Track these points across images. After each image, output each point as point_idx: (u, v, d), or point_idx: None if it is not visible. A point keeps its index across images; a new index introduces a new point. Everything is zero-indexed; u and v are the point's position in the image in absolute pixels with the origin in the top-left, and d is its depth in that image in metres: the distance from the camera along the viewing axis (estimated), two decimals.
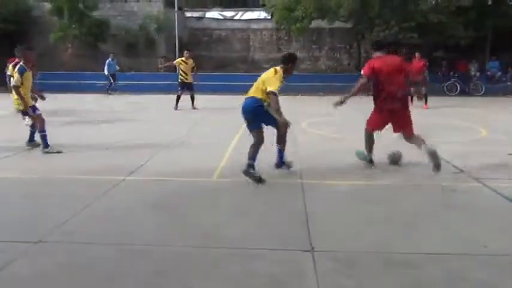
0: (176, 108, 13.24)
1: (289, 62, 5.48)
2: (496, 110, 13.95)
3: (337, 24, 20.90)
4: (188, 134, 9.07)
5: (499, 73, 20.06)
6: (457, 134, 9.06)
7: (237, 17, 24.87)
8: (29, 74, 7.00)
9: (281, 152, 5.79)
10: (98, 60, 22.37)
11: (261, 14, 24.09)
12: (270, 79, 5.39)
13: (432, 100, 16.51)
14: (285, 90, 15.95)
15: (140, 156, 6.73)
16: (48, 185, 5.23)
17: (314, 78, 20.22)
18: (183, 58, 13.68)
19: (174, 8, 23.03)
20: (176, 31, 22.74)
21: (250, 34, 24.68)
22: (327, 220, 4.13)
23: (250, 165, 5.31)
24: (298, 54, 23.12)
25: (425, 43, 19.67)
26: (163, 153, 7.10)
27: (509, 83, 19.43)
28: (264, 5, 22.52)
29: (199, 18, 25.02)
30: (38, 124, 7.07)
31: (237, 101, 5.97)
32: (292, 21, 20.18)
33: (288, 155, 6.72)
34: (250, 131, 5.50)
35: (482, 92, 19.16)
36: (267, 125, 5.58)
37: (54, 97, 14.59)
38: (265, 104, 5.40)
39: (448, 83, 19.11)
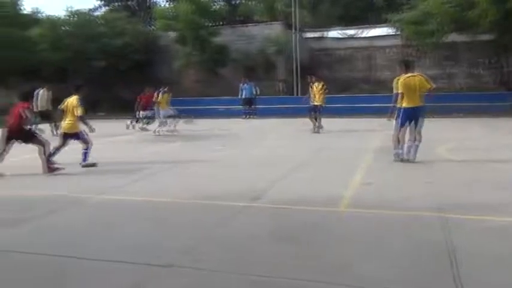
0: (315, 130, 13.77)
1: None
2: None
3: (472, 36, 19.53)
4: (312, 158, 9.06)
5: None
6: None
7: (359, 35, 24.64)
8: None
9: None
10: (217, 85, 23.81)
11: (386, 31, 23.53)
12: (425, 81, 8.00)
13: None
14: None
15: (263, 181, 6.85)
16: (175, 210, 5.55)
17: (449, 98, 18.99)
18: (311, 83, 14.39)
19: (293, 29, 23.59)
20: (296, 53, 23.19)
21: (373, 52, 24.22)
22: (476, 261, 3.72)
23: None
24: (429, 71, 22.22)
25: None
26: (287, 179, 7.14)
27: None
28: (387, 21, 21.99)
29: (320, 39, 25.28)
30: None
31: (362, 124, 5.76)
32: (424, 36, 19.34)
33: (423, 186, 6.37)
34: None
35: None
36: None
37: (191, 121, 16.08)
38: None
39: None
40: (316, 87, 14.04)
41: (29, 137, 8.18)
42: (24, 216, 5.32)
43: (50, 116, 14.86)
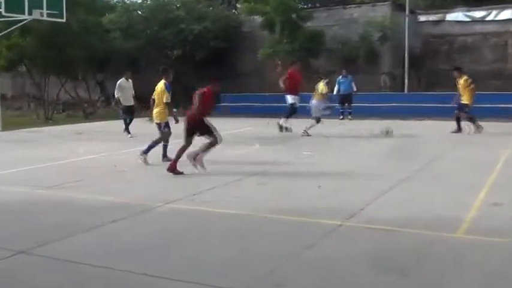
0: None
1: None
2: None
3: None
4: (421, 170, 8.82)
5: None
6: None
7: (489, 18, 23.42)
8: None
9: None
10: (309, 80, 23.73)
11: None
12: None
13: None
14: None
15: (359, 196, 6.77)
16: (254, 225, 5.63)
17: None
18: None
19: (405, 11, 22.98)
20: (406, 40, 22.58)
21: (509, 39, 22.89)
22: None
23: None
24: None
25: None
26: (389, 194, 6.99)
27: None
28: None
29: (437, 23, 24.38)
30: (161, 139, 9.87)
31: (489, 129, 5.49)
32: None
33: None
34: None
35: None
36: None
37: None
38: None
39: None
40: (461, 83, 14.13)
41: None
42: (90, 222, 5.68)
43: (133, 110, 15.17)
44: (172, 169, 8.56)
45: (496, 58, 23.01)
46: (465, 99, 14.07)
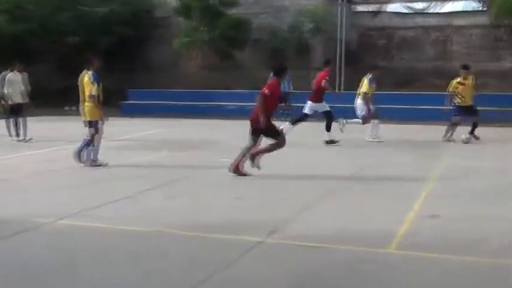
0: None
1: None
2: None
3: None
4: (353, 179, 9.05)
5: None
6: None
7: (431, 10, 24.50)
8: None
9: None
10: (233, 74, 23.88)
11: (468, 5, 23.39)
12: None
13: None
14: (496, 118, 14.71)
15: (285, 208, 6.85)
16: (162, 243, 5.57)
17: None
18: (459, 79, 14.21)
19: (340, 0, 23.58)
20: (342, 32, 23.12)
21: (451, 34, 24.02)
22: None
23: None
24: None
25: None
26: (317, 207, 7.13)
27: None
28: None
29: (375, 14, 25.21)
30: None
31: (431, 134, 5.74)
32: None
33: (509, 221, 6.30)
34: None
35: None
36: None
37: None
38: None
39: None
40: (468, 83, 14.08)
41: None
42: None
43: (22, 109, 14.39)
44: (235, 170, 9.00)
45: (437, 55, 24.07)
46: (468, 101, 14.07)
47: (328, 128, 13.48)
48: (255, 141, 9.24)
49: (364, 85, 14.14)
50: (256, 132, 9.20)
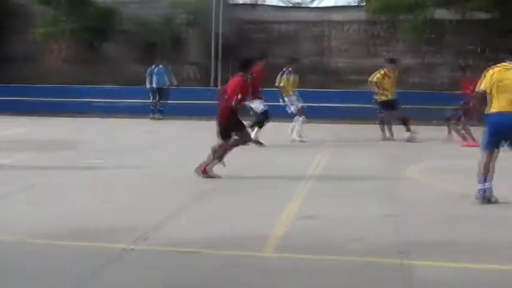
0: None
1: None
2: None
3: (469, 14, 20.60)
4: (230, 181, 9.14)
5: None
6: None
7: (308, 4, 25.24)
8: None
9: None
10: (100, 68, 23.34)
11: (346, 0, 24.36)
12: None
13: None
14: (374, 115, 15.57)
15: (156, 212, 6.82)
16: (21, 254, 5.38)
17: (428, 98, 19.83)
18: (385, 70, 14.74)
19: None
20: (217, 25, 23.27)
21: (327, 29, 24.83)
22: None
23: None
24: (405, 60, 23.11)
25: None
26: (191, 210, 7.18)
27: None
28: None
29: (253, 6, 25.57)
30: None
31: (316, 133, 5.94)
32: (398, 11, 20.17)
33: (384, 221, 6.65)
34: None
35: None
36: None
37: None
38: None
39: None
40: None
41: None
42: None
43: None
44: (204, 172, 9.06)
45: (316, 51, 24.82)
46: (391, 95, 14.63)
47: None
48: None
49: (281, 79, 14.34)
50: (226, 131, 9.36)
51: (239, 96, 9.20)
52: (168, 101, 20.59)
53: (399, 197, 8.10)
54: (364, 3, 23.27)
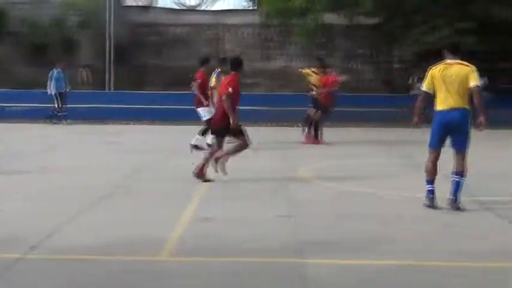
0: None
1: None
2: None
3: (357, 19, 21.32)
4: (125, 185, 9.09)
5: None
6: None
7: (202, 7, 25.22)
8: None
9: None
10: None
11: (240, 3, 24.51)
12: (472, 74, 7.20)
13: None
14: (267, 117, 16.41)
15: (50, 219, 6.66)
16: None
17: None
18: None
19: None
20: (110, 27, 22.93)
21: (222, 32, 24.97)
22: None
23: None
24: (295, 63, 23.61)
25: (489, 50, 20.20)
26: (84, 216, 7.07)
27: None
28: None
29: (146, 9, 25.33)
30: None
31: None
32: (290, 15, 20.58)
33: (280, 221, 6.81)
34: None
35: None
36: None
37: None
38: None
39: None
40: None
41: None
42: None
43: None
44: (199, 175, 9.14)
45: (211, 53, 24.86)
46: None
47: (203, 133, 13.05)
48: (220, 144, 9.44)
49: (212, 81, 13.62)
50: (221, 133, 9.41)
51: (230, 90, 9.15)
52: (68, 105, 20.01)
53: (294, 197, 8.31)
54: (256, 7, 23.48)
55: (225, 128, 9.30)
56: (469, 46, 18.54)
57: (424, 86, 7.50)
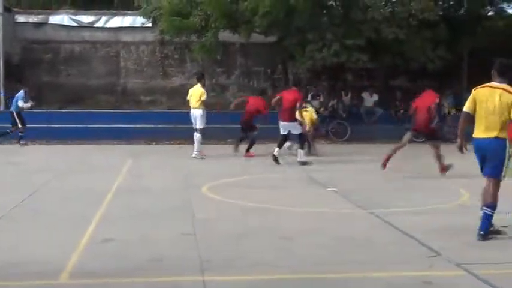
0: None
1: None
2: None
3: (254, 37, 21.66)
4: (21, 206, 8.83)
5: None
6: (427, 198, 9.68)
7: (99, 24, 24.86)
8: None
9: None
10: None
11: (137, 20, 24.32)
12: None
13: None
14: (167, 135, 16.40)
15: None
16: None
17: (218, 117, 20.49)
18: None
19: None
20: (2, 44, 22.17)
21: (120, 50, 24.71)
22: None
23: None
24: (195, 81, 23.46)
25: (379, 67, 21.09)
26: None
27: None
28: (140, 8, 22.80)
29: (39, 25, 24.64)
30: None
31: (100, 156, 5.92)
32: (187, 32, 20.64)
33: (182, 239, 6.79)
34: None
35: None
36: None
37: None
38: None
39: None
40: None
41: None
42: None
43: None
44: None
45: (108, 71, 24.54)
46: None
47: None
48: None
49: (203, 93, 14.98)
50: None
51: None
52: None
53: (196, 214, 8.30)
54: (152, 25, 23.27)
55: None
56: (361, 63, 19.47)
57: (465, 107, 7.01)
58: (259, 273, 5.55)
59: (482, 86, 6.92)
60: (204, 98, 14.83)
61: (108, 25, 24.81)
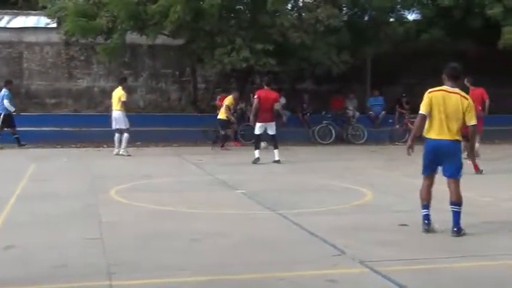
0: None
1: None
2: (382, 162, 15.64)
3: (162, 39, 21.52)
4: None
5: (383, 113, 22.62)
6: (333, 199, 9.94)
7: (1, 24, 24.05)
8: None
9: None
10: None
11: (41, 21, 23.65)
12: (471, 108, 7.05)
13: (299, 151, 17.88)
14: (72, 138, 16.20)
15: None
16: None
17: (134, 119, 20.27)
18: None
19: None
20: None
21: (23, 51, 23.92)
22: None
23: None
24: (102, 82, 23.31)
25: (287, 71, 21.44)
26: None
27: (397, 126, 21.93)
28: (44, 8, 22.14)
29: None
30: None
31: (1, 160, 5.72)
32: (93, 34, 20.26)
33: (88, 244, 6.65)
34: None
35: (365, 139, 21.28)
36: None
37: None
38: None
39: (319, 126, 20.85)
40: None
41: None
42: None
43: None
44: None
45: (11, 73, 23.64)
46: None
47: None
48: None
49: (122, 95, 16.09)
50: None
51: None
52: None
53: (103, 218, 8.15)
54: (57, 25, 22.61)
55: None
56: (269, 66, 19.73)
57: (421, 109, 7.17)
58: (166, 276, 5.53)
59: (436, 89, 7.16)
60: (123, 99, 15.66)
61: (10, 25, 24.02)
